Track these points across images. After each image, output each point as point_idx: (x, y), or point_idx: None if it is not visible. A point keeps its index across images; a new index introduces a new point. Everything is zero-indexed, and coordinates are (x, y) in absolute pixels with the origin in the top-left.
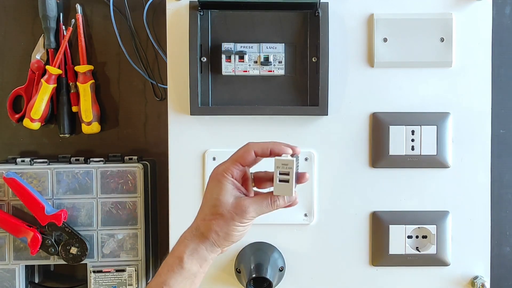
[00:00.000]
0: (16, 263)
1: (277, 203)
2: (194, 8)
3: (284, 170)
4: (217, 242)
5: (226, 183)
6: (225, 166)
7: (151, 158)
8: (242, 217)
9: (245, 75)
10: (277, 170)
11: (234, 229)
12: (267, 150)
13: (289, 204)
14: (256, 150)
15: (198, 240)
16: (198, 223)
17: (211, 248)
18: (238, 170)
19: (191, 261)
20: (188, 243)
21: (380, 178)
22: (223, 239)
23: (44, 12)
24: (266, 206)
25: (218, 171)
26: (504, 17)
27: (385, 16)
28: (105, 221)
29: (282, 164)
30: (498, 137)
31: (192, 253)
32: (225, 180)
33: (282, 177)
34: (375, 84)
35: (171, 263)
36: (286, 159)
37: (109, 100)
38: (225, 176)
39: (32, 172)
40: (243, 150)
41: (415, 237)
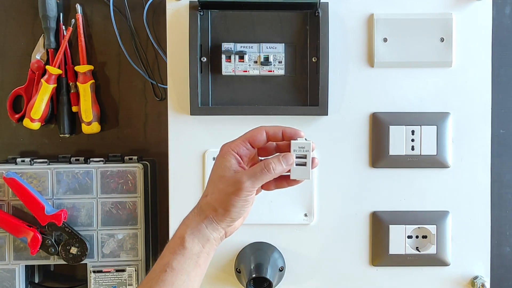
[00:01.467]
0: (16, 263)
1: (272, 165)
2: (194, 8)
3: (301, 153)
4: (216, 219)
5: (230, 158)
6: (233, 143)
7: (151, 158)
8: (239, 190)
9: (245, 75)
10: (294, 153)
11: (232, 204)
12: (279, 131)
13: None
14: (268, 130)
15: (198, 218)
16: (200, 201)
17: (211, 226)
18: (246, 149)
19: (193, 240)
20: (189, 222)
21: (380, 178)
22: (222, 215)
23: (44, 12)
24: (260, 172)
25: (225, 147)
26: (504, 17)
27: (385, 16)
28: (105, 221)
29: (299, 147)
30: (498, 137)
31: (193, 231)
32: (230, 155)
33: (299, 160)
34: (375, 84)
35: (173, 244)
36: (303, 142)
37: (109, 100)
38: (230, 151)
39: (32, 172)
40: (255, 130)
41: (415, 237)
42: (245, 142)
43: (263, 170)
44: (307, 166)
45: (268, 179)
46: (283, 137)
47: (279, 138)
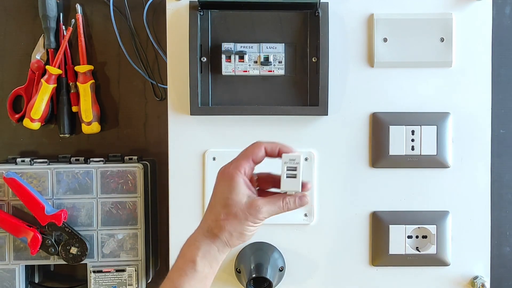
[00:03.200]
0: (16, 263)
1: (289, 205)
2: (194, 8)
3: (292, 165)
4: (230, 242)
5: (239, 180)
6: (237, 163)
7: (151, 158)
8: (256, 217)
9: (245, 75)
10: (285, 166)
11: (247, 229)
12: (276, 148)
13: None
14: (266, 146)
15: (209, 241)
16: (210, 223)
17: (222, 248)
18: (250, 168)
19: (204, 263)
20: (200, 244)
21: (380, 178)
22: (236, 239)
23: (44, 12)
24: (278, 208)
25: (230, 169)
26: (504, 17)
27: (385, 16)
28: (105, 221)
29: (289, 159)
30: (498, 137)
31: (205, 255)
32: (238, 177)
33: (289, 172)
34: (375, 84)
35: (183, 267)
36: (294, 154)
37: (109, 100)
38: (238, 173)
39: (32, 172)
40: (254, 146)
41: (415, 237)
42: (249, 159)
43: (280, 207)
44: (297, 178)
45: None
46: (279, 153)
47: (275, 154)
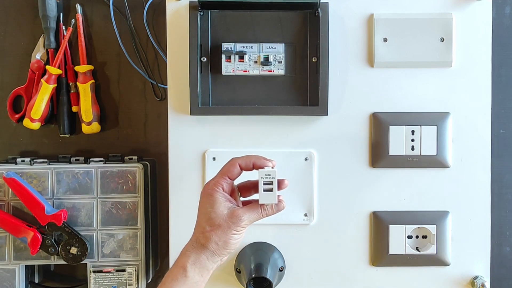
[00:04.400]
0: (16, 263)
1: (267, 212)
2: (194, 8)
3: (268, 180)
4: (217, 251)
5: (218, 196)
6: (215, 181)
7: (151, 158)
8: (238, 225)
9: (245, 75)
10: (261, 181)
11: (231, 237)
12: (250, 163)
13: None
14: (240, 163)
15: (199, 251)
16: (198, 236)
17: (211, 257)
18: (227, 183)
19: (194, 270)
20: (190, 254)
21: (380, 178)
22: (222, 248)
23: (44, 12)
24: (258, 214)
25: (209, 186)
26: (504, 17)
27: (385, 16)
28: (105, 221)
29: (265, 174)
30: (498, 137)
31: (195, 262)
32: (217, 193)
33: (266, 186)
34: (375, 84)
35: (175, 273)
36: (269, 170)
37: (109, 100)
38: (216, 190)
39: (32, 172)
40: (229, 164)
41: (415, 237)
42: (225, 177)
43: (259, 214)
44: (273, 192)
45: (260, 219)
46: (253, 167)
47: (251, 168)
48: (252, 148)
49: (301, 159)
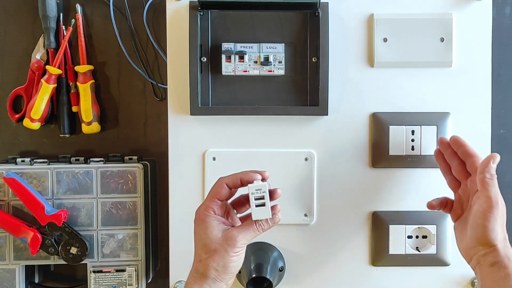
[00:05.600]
0: (16, 263)
1: (262, 227)
2: (194, 8)
3: (259, 194)
4: (218, 277)
5: (209, 220)
6: (205, 205)
7: (151, 158)
8: (235, 246)
9: (245, 75)
10: (252, 196)
11: (230, 260)
12: (237, 180)
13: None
14: (227, 182)
15: (200, 281)
16: (196, 265)
17: (214, 284)
18: (218, 206)
19: None
20: (192, 286)
21: (380, 178)
22: (223, 273)
23: (44, 12)
24: (253, 231)
25: (200, 212)
26: (504, 17)
27: (385, 16)
28: (105, 221)
29: (255, 189)
30: (498, 137)
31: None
32: (208, 218)
33: (258, 202)
34: (375, 84)
35: None
36: (259, 184)
37: (109, 100)
38: (206, 214)
39: (32, 172)
40: (216, 186)
41: (415, 237)
42: (214, 200)
43: (255, 230)
44: (266, 206)
45: (257, 235)
46: (242, 183)
47: (239, 185)
48: (252, 148)
49: (301, 159)
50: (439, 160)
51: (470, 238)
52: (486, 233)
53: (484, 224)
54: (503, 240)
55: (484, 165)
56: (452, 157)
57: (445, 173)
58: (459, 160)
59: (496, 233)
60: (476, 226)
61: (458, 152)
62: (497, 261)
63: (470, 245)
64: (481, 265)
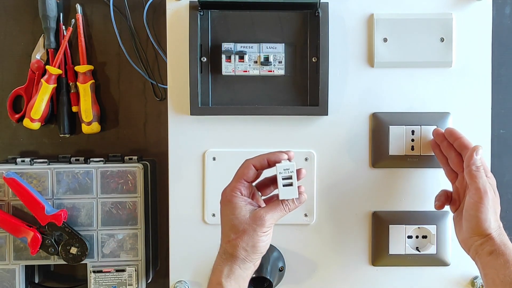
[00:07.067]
0: (16, 263)
1: (289, 207)
2: (194, 8)
3: (286, 174)
4: (248, 258)
5: (237, 201)
6: (231, 186)
7: (151, 158)
8: (263, 226)
9: (245, 75)
10: (279, 176)
11: (259, 240)
12: (264, 161)
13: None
14: (254, 163)
15: (229, 262)
16: (224, 246)
17: (243, 265)
18: (245, 187)
19: (230, 283)
20: (222, 268)
21: (380, 178)
22: (252, 253)
23: (44, 12)
24: (280, 211)
25: (226, 193)
26: (504, 17)
27: (385, 16)
28: (105, 221)
29: (283, 169)
30: (498, 137)
31: (229, 275)
32: (235, 198)
33: (285, 181)
34: (375, 84)
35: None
36: (287, 164)
37: (109, 100)
38: (234, 195)
39: (32, 172)
40: (243, 167)
41: (415, 237)
42: (241, 181)
43: (282, 210)
44: (293, 186)
45: (283, 215)
46: (269, 164)
47: (266, 166)
48: (252, 148)
49: (301, 159)
50: (435, 151)
51: (466, 229)
52: (479, 223)
53: (477, 215)
54: (498, 228)
55: (469, 158)
56: (448, 149)
57: (442, 164)
58: (456, 152)
59: (489, 222)
60: (469, 217)
61: (454, 144)
62: (494, 249)
63: (467, 236)
64: (479, 255)
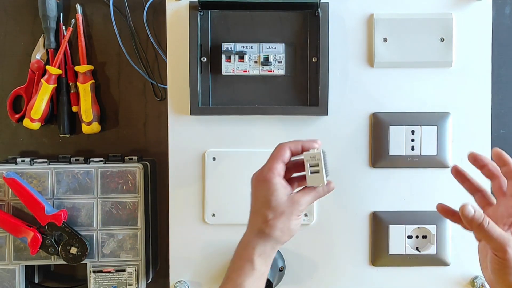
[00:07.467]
0: (16, 263)
1: (319, 193)
2: (194, 8)
3: (314, 162)
4: (281, 239)
5: (276, 182)
6: (270, 166)
7: (151, 158)
8: (298, 210)
9: (245, 75)
10: (307, 163)
11: (294, 223)
12: (299, 146)
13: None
14: (291, 147)
15: (263, 241)
16: (260, 225)
17: (275, 245)
18: (282, 169)
19: (261, 261)
20: (255, 245)
21: (380, 178)
22: (287, 235)
23: (44, 12)
24: (312, 197)
25: (264, 173)
26: (504, 17)
27: (385, 16)
28: (105, 221)
29: (310, 157)
30: (498, 137)
31: (261, 253)
32: (274, 179)
33: (312, 169)
34: (375, 84)
35: (242, 267)
36: (314, 152)
37: (109, 100)
38: (273, 176)
39: (32, 172)
40: (282, 150)
41: (415, 237)
42: (279, 162)
43: (313, 196)
44: (320, 173)
45: (314, 200)
46: (302, 150)
47: (299, 151)
48: (252, 148)
49: None
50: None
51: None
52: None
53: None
54: None
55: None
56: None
57: (472, 191)
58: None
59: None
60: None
61: (502, 170)
62: None
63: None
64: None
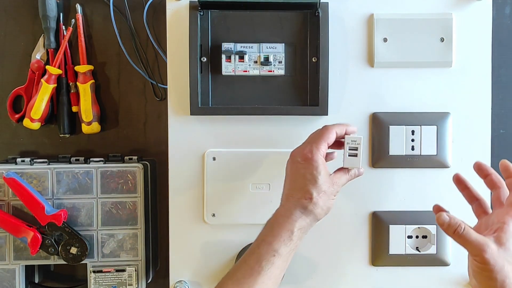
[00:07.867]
0: (16, 263)
1: (352, 176)
2: (194, 8)
3: (353, 145)
4: (320, 216)
5: (321, 162)
6: (317, 146)
7: (151, 158)
8: (336, 191)
9: (245, 75)
10: (347, 146)
11: (331, 203)
12: (344, 130)
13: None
14: (337, 130)
15: (305, 216)
16: (303, 202)
17: (313, 222)
18: (326, 150)
19: (298, 235)
20: (297, 218)
21: (380, 178)
22: (324, 213)
23: (44, 12)
24: (345, 179)
25: (312, 152)
26: (504, 17)
27: (385, 16)
28: (105, 221)
29: (351, 140)
30: (498, 137)
31: (301, 228)
32: (320, 159)
33: (351, 152)
34: (375, 84)
35: (281, 234)
36: (355, 136)
37: (109, 100)
38: (319, 156)
39: (32, 172)
40: (327, 131)
41: (415, 237)
42: (325, 143)
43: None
44: (358, 157)
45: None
46: (346, 133)
47: (343, 135)
48: (252, 148)
49: None
50: (460, 186)
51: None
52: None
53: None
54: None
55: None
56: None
57: (470, 200)
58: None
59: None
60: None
61: (507, 181)
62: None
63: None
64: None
